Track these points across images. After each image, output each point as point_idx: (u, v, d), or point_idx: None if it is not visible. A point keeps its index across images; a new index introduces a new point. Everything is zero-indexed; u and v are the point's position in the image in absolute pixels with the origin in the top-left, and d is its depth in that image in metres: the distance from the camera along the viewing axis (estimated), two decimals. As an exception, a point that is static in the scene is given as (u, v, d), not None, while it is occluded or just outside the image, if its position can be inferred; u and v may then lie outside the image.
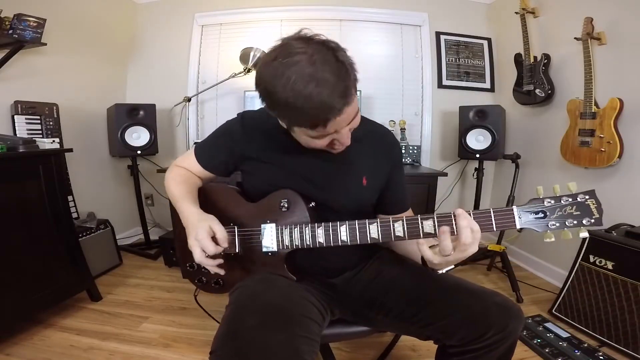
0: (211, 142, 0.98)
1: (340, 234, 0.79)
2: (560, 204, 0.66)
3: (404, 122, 2.44)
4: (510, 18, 2.27)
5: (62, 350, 1.40)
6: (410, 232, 0.74)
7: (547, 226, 0.67)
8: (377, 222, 0.76)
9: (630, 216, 1.60)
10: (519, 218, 0.68)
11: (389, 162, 0.97)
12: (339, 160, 0.88)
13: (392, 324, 0.89)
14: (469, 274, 2.22)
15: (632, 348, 1.34)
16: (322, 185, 0.89)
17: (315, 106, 0.64)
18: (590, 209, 0.65)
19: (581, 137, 1.78)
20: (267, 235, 0.85)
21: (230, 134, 0.94)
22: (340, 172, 0.90)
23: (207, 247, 0.78)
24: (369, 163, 0.93)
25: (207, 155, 0.98)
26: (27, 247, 1.48)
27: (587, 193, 0.66)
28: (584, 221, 0.65)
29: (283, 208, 0.85)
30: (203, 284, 0.97)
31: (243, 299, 0.77)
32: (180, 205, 0.88)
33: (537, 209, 0.67)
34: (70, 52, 2.22)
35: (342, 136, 0.75)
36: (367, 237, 0.77)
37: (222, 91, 2.67)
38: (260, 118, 0.93)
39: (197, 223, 0.81)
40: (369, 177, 0.92)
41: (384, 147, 0.97)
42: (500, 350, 0.75)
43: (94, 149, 2.47)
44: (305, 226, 0.81)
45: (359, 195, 0.92)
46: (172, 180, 0.96)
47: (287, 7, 2.62)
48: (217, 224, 0.81)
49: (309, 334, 0.71)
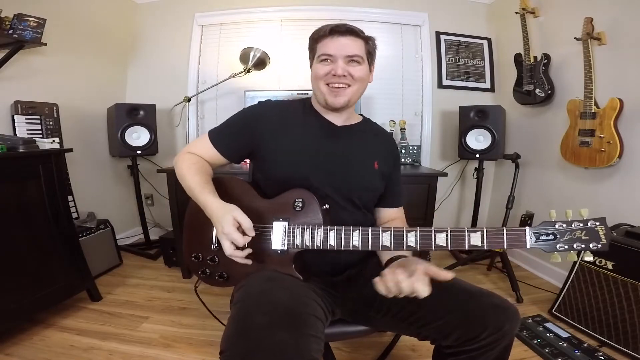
0: (228, 127, 1.01)
1: (353, 239, 0.79)
2: (571, 228, 0.69)
3: (404, 122, 2.43)
4: (510, 18, 2.27)
5: (62, 350, 1.40)
6: (423, 243, 0.75)
7: (555, 248, 0.69)
8: (391, 230, 0.77)
9: (630, 216, 1.60)
10: (529, 238, 0.70)
11: (391, 159, 1.06)
12: (352, 144, 0.99)
13: (391, 323, 0.90)
14: (469, 274, 2.22)
15: (632, 348, 1.34)
16: (337, 166, 0.94)
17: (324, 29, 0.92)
18: (599, 235, 0.67)
19: (581, 137, 1.78)
20: (277, 233, 0.85)
21: (249, 119, 0.99)
22: (354, 156, 0.97)
23: (236, 239, 0.78)
24: (378, 150, 1.03)
25: (224, 141, 0.99)
26: (27, 247, 1.48)
27: (597, 220, 0.68)
28: (591, 245, 0.67)
29: (297, 207, 0.85)
30: (206, 276, 0.95)
31: (251, 298, 0.77)
32: (203, 198, 0.88)
33: (549, 231, 0.69)
34: (70, 52, 2.22)
35: (337, 66, 0.90)
36: (379, 245, 0.78)
37: (222, 91, 2.67)
38: (278, 106, 1.02)
39: (222, 217, 0.81)
40: (380, 163, 1.00)
41: (388, 144, 1.09)
42: (495, 351, 0.75)
43: (94, 149, 2.47)
44: (317, 228, 0.82)
45: (371, 177, 0.99)
46: (187, 170, 0.95)
47: (287, 7, 2.62)
48: (240, 214, 0.81)
49: (316, 332, 0.72)
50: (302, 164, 0.92)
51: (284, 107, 1.02)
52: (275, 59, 2.50)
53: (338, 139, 0.98)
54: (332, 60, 0.91)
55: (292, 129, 0.97)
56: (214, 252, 0.94)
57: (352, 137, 1.00)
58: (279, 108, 1.01)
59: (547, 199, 2.18)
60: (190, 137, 2.64)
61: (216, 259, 0.93)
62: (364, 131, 1.04)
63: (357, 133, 1.02)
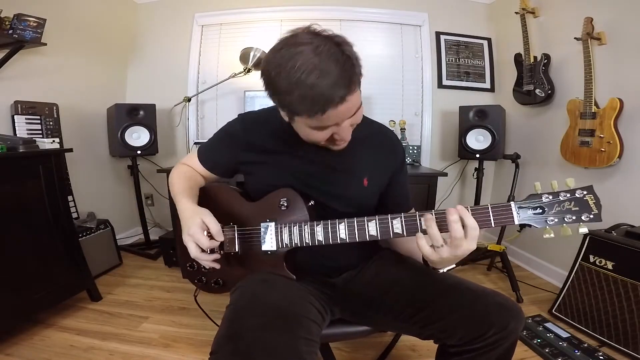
0: (212, 144, 0.99)
1: (339, 232, 0.78)
2: (559, 200, 0.66)
3: (404, 122, 2.43)
4: (510, 18, 2.27)
5: (62, 350, 1.40)
6: (408, 229, 0.74)
7: (545, 222, 0.67)
8: (376, 219, 0.76)
9: (630, 216, 1.60)
10: (517, 214, 0.67)
11: (392, 164, 0.97)
12: (340, 160, 0.89)
13: (392, 323, 0.89)
14: (469, 274, 2.22)
15: (632, 348, 1.34)
16: (323, 186, 0.89)
17: (316, 94, 0.64)
18: (588, 205, 0.65)
19: (581, 137, 1.78)
20: (266, 234, 0.85)
21: (230, 135, 0.95)
22: (341, 172, 0.90)
23: (200, 241, 0.78)
24: (370, 164, 0.93)
25: (209, 158, 0.99)
26: (27, 247, 1.48)
27: (585, 189, 0.66)
28: (583, 217, 0.65)
29: (282, 207, 0.85)
30: (203, 284, 0.97)
31: (243, 300, 0.77)
32: (178, 201, 0.89)
33: (535, 204, 0.67)
34: (70, 52, 2.22)
35: (342, 130, 0.75)
36: (366, 235, 0.77)
37: (222, 91, 2.67)
38: (261, 118, 0.94)
39: (189, 218, 0.82)
40: (370, 179, 0.92)
41: (387, 149, 0.97)
42: (499, 349, 0.75)
43: (94, 149, 2.47)
44: (304, 224, 0.81)
45: (359, 196, 0.92)
46: (175, 177, 0.97)
47: (287, 7, 2.62)
48: (209, 217, 0.81)
49: (309, 334, 0.71)
50: (285, 185, 0.87)
51: (264, 121, 0.92)
52: (275, 59, 2.50)
53: (324, 156, 0.87)
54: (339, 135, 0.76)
55: (274, 147, 0.90)
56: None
57: (340, 152, 0.85)
58: (259, 123, 0.93)
59: (547, 199, 2.18)
60: (190, 137, 2.64)
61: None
62: (357, 141, 0.86)
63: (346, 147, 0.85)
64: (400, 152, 1.00)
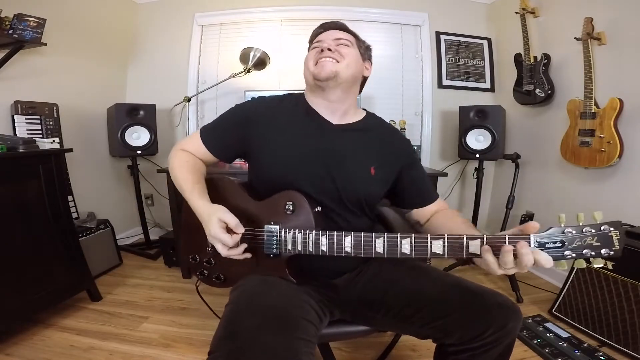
0: (219, 124, 0.99)
1: (345, 246, 0.77)
2: (582, 235, 0.61)
3: (404, 122, 2.43)
4: (510, 18, 2.27)
5: (62, 350, 1.40)
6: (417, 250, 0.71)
7: (562, 256, 0.62)
8: (384, 236, 0.74)
9: (630, 216, 1.60)
10: (534, 246, 0.63)
11: (400, 160, 0.97)
12: (347, 147, 0.91)
13: (392, 323, 0.89)
14: (469, 274, 2.21)
15: (632, 348, 1.34)
16: (330, 171, 0.89)
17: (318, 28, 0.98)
18: (612, 241, 0.61)
19: (581, 137, 1.78)
20: (270, 238, 0.84)
21: (239, 117, 0.96)
22: (349, 158, 0.91)
23: (225, 241, 0.78)
24: (377, 154, 0.94)
25: (214, 139, 0.97)
26: (27, 247, 1.48)
27: (612, 224, 0.61)
28: (602, 251, 0.61)
29: (288, 211, 0.83)
30: (204, 277, 0.96)
31: (242, 301, 0.77)
32: (189, 199, 0.88)
33: (556, 239, 0.62)
34: (70, 52, 2.22)
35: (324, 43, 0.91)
36: (372, 252, 0.75)
37: (222, 91, 2.67)
38: (272, 102, 0.98)
39: (208, 221, 0.81)
40: (377, 168, 0.92)
41: (393, 144, 0.99)
42: (498, 349, 0.75)
43: (94, 149, 2.47)
44: (309, 232, 0.80)
45: (366, 184, 0.92)
46: (179, 168, 0.94)
47: (287, 7, 2.62)
48: (225, 213, 0.80)
49: (306, 335, 0.72)
50: (292, 168, 0.88)
51: (276, 105, 0.97)
52: (275, 59, 2.50)
53: (332, 141, 0.91)
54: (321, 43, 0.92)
55: (283, 130, 0.92)
56: (209, 255, 0.93)
57: (348, 138, 0.92)
58: (271, 106, 0.97)
59: (547, 199, 2.18)
60: (190, 137, 2.63)
61: (212, 261, 0.93)
62: (365, 130, 0.95)
63: (354, 134, 0.94)
64: (409, 148, 1.02)
